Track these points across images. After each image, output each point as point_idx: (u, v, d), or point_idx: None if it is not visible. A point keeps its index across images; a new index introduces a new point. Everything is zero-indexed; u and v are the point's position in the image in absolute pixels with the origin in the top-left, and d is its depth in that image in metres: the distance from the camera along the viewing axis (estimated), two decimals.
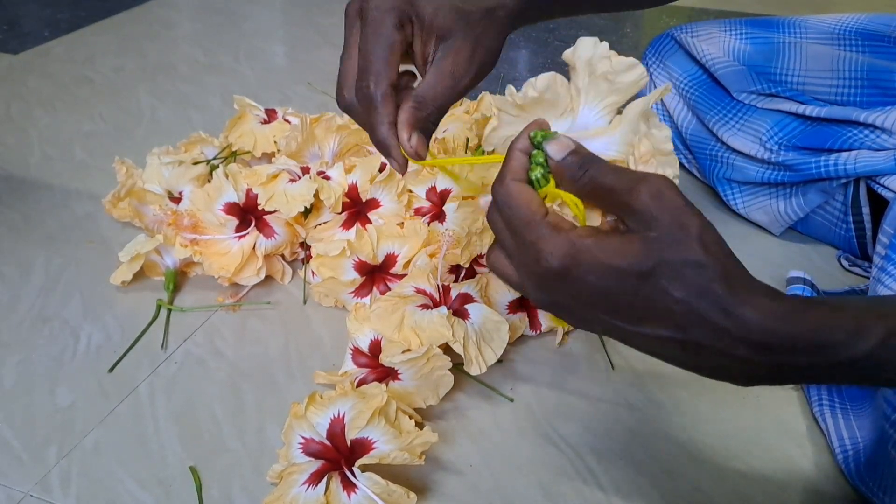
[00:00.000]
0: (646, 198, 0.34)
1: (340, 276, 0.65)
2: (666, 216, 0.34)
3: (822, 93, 0.75)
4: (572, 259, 0.35)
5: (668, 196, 0.34)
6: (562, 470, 0.53)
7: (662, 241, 0.33)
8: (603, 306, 0.35)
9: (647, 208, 0.34)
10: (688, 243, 0.33)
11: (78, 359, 0.63)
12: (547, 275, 0.35)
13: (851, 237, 0.73)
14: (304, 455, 0.51)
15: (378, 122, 0.44)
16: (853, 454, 0.51)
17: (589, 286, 0.35)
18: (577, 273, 0.35)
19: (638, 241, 0.34)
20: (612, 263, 0.34)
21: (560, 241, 0.35)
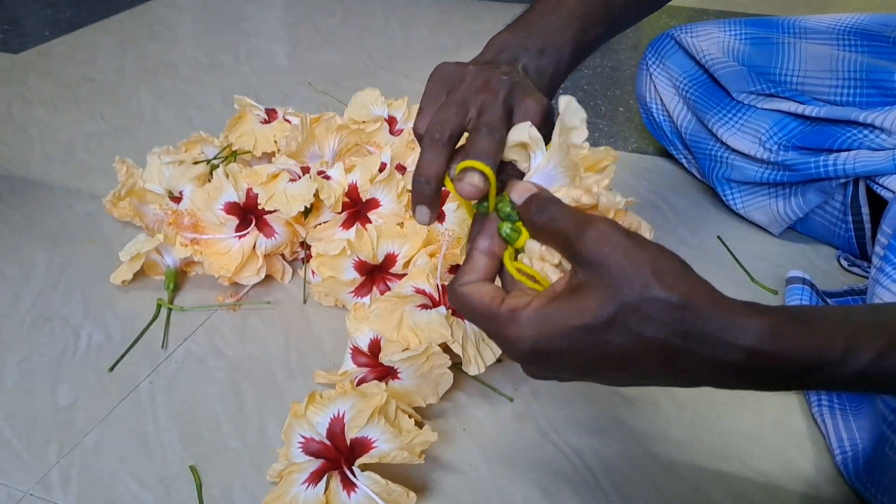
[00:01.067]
0: (591, 245, 0.34)
1: (340, 275, 0.65)
2: (614, 258, 0.33)
3: (821, 93, 0.75)
4: (539, 335, 0.35)
5: (613, 239, 0.34)
6: (562, 470, 0.53)
7: (617, 286, 0.33)
8: (586, 364, 0.35)
9: (595, 256, 0.34)
10: (643, 280, 0.33)
11: (78, 358, 0.63)
12: (524, 357, 0.36)
13: (851, 237, 0.73)
14: (304, 454, 0.51)
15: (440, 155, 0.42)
16: (852, 455, 0.51)
17: (565, 353, 0.35)
18: (548, 346, 0.35)
19: (593, 292, 0.34)
20: (575, 325, 0.34)
21: (521, 325, 0.35)
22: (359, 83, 0.98)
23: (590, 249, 0.34)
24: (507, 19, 0.52)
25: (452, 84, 0.45)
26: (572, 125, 0.38)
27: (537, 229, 0.38)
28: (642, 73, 0.90)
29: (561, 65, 0.50)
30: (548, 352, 0.35)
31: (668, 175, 0.90)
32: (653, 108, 0.89)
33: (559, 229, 0.36)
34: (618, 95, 1.13)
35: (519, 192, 0.39)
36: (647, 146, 0.97)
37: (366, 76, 1.20)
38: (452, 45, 1.33)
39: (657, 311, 0.32)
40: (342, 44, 1.34)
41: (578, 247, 0.35)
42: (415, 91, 1.13)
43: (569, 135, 0.38)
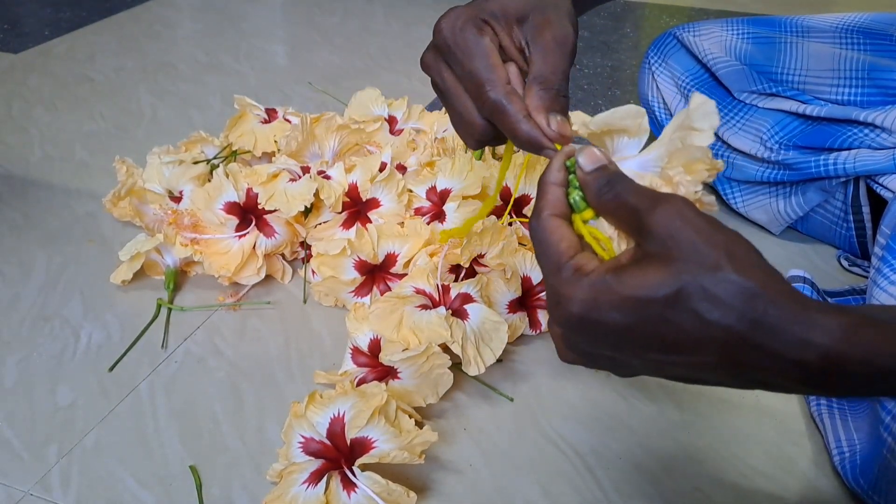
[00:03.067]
0: (664, 219, 0.32)
1: (341, 275, 0.65)
2: (686, 236, 0.31)
3: (822, 92, 0.75)
4: (593, 302, 0.33)
5: (687, 216, 0.32)
6: (562, 470, 0.53)
7: (686, 262, 0.31)
8: (634, 342, 0.33)
9: (666, 229, 0.32)
10: (715, 259, 0.31)
11: (78, 358, 0.63)
12: (570, 321, 0.34)
13: (852, 236, 0.73)
14: (304, 454, 0.51)
15: (514, 122, 0.42)
16: (850, 456, 0.51)
17: (616, 325, 0.32)
18: (598, 316, 0.33)
19: (658, 265, 0.31)
20: (633, 295, 0.32)
21: (581, 286, 0.33)
22: (359, 83, 0.98)
23: (661, 223, 0.32)
24: None
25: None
26: (700, 127, 0.35)
27: (602, 205, 0.35)
28: (645, 72, 0.90)
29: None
30: (597, 321, 0.33)
31: None
32: (655, 108, 0.89)
33: (627, 203, 0.34)
34: (618, 95, 1.12)
35: (588, 157, 0.36)
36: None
37: (366, 76, 1.20)
38: None
39: (727, 293, 0.30)
40: (342, 44, 1.34)
41: (648, 220, 0.32)
42: (415, 91, 1.13)
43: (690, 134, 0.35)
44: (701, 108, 0.35)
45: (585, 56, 1.28)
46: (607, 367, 0.36)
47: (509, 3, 0.44)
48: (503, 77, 0.43)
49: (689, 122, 0.36)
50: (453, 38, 0.44)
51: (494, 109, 0.42)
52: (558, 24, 0.44)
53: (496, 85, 0.42)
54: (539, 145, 0.41)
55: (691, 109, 0.36)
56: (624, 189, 0.35)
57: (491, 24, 0.44)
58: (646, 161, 0.38)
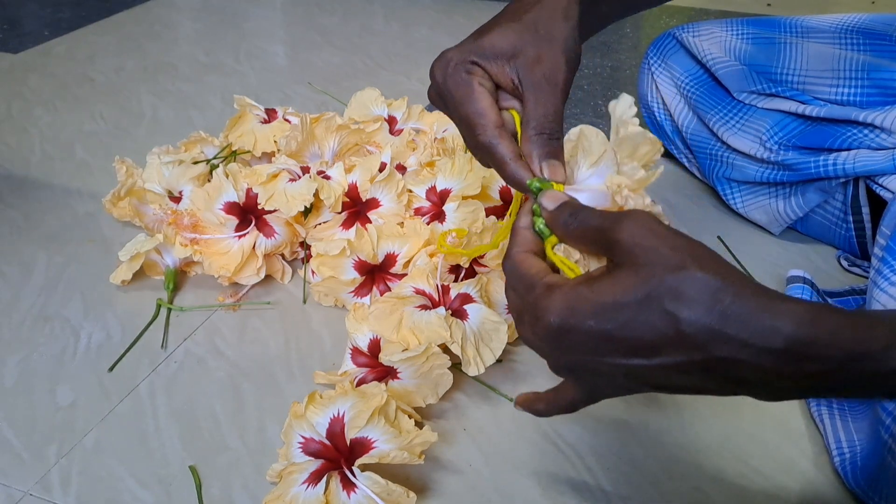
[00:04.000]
0: (627, 232, 0.34)
1: (340, 275, 0.65)
2: (650, 242, 0.33)
3: (822, 92, 0.75)
4: (569, 311, 0.34)
5: (649, 226, 0.34)
6: (562, 470, 0.53)
7: (652, 266, 0.33)
8: (613, 349, 0.34)
9: (630, 240, 0.34)
10: (680, 260, 0.32)
11: (78, 358, 0.63)
12: (551, 334, 0.35)
13: (851, 237, 0.73)
14: (303, 454, 0.51)
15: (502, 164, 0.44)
16: (850, 457, 0.51)
17: (593, 332, 0.34)
18: (576, 322, 0.34)
19: (627, 272, 0.33)
20: (607, 301, 0.33)
21: (555, 298, 0.35)
22: (359, 83, 0.98)
23: (625, 236, 0.34)
24: None
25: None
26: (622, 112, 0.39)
27: (570, 235, 0.38)
28: (644, 72, 0.90)
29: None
30: (575, 330, 0.34)
31: (668, 174, 0.90)
32: (654, 108, 0.89)
33: (592, 227, 0.36)
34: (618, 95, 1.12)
35: (549, 198, 0.40)
36: None
37: (366, 76, 1.20)
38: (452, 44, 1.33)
39: (694, 289, 0.31)
40: (342, 44, 1.34)
41: (614, 236, 0.35)
42: (415, 91, 1.13)
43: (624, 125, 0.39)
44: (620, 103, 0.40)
45: (585, 56, 1.28)
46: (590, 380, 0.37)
47: (499, 40, 0.45)
48: (492, 120, 0.44)
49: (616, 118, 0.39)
50: (444, 84, 0.46)
51: (484, 152, 0.45)
52: (549, 62, 0.45)
53: (485, 129, 0.44)
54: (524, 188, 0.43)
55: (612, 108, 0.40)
56: (587, 216, 0.37)
57: (481, 65, 0.46)
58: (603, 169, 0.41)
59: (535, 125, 0.44)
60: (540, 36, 0.45)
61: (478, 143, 0.45)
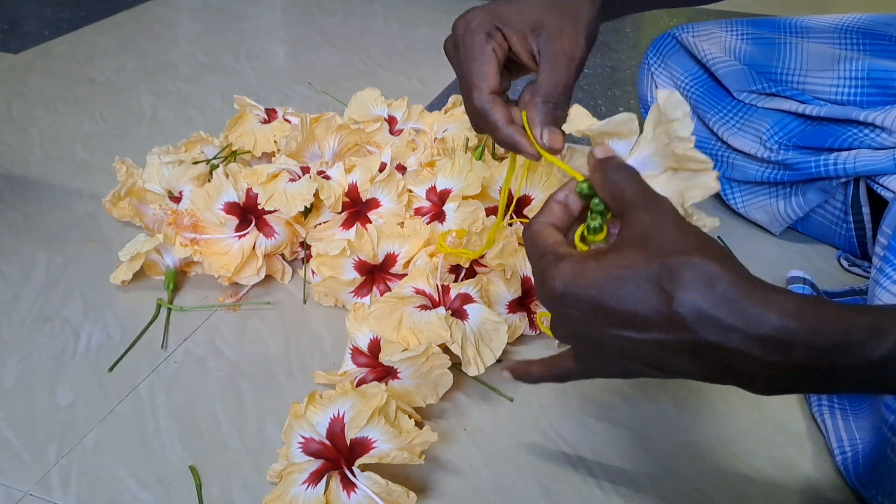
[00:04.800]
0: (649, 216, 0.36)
1: (340, 275, 0.65)
2: (663, 226, 0.35)
3: (822, 92, 0.75)
4: (573, 279, 0.36)
5: (670, 216, 0.36)
6: (562, 470, 0.53)
7: (660, 247, 0.34)
8: (610, 319, 0.35)
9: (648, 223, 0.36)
10: (686, 248, 0.34)
11: (78, 358, 0.63)
12: (555, 300, 0.37)
13: (851, 237, 0.73)
14: (303, 454, 0.51)
15: (495, 127, 0.47)
16: (852, 456, 0.51)
17: (592, 301, 0.35)
18: (577, 291, 0.36)
19: (635, 249, 0.35)
20: (610, 273, 0.35)
21: (562, 266, 0.37)
22: (359, 83, 0.98)
23: (646, 218, 0.36)
24: None
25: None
26: (674, 117, 0.38)
27: (605, 185, 0.39)
28: (644, 72, 0.90)
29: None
30: (576, 297, 0.36)
31: None
32: None
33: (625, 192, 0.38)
34: (618, 95, 1.12)
35: (602, 150, 0.40)
36: None
37: (366, 76, 1.20)
38: None
39: (692, 273, 0.33)
40: (342, 44, 1.34)
41: (636, 214, 0.36)
42: (415, 91, 1.13)
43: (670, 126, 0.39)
44: (670, 100, 0.39)
45: None
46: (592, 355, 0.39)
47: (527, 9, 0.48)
48: (491, 85, 0.47)
49: (665, 117, 0.39)
50: (462, 38, 0.48)
51: (477, 113, 0.47)
52: (570, 38, 0.47)
53: (482, 92, 0.47)
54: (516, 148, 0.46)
55: (662, 105, 0.39)
56: (627, 178, 0.39)
57: (502, 31, 0.48)
58: (641, 159, 0.41)
59: (544, 93, 0.46)
60: (565, 12, 0.47)
61: (473, 105, 0.47)
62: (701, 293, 0.33)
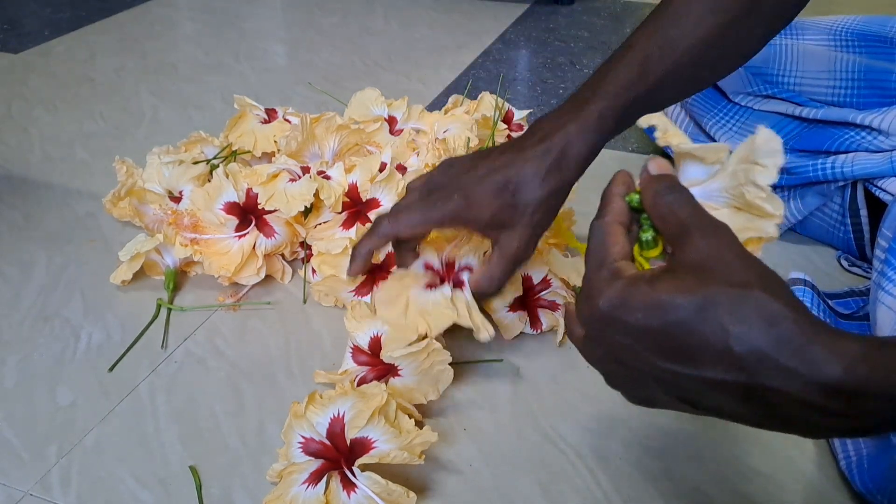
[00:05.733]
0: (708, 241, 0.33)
1: (342, 274, 0.65)
2: (725, 257, 0.32)
3: (819, 94, 0.75)
4: (621, 300, 0.34)
5: (731, 244, 0.33)
6: (562, 470, 0.53)
7: (721, 275, 0.32)
8: (654, 347, 0.33)
9: (707, 248, 0.33)
10: (747, 280, 0.31)
11: (78, 358, 0.63)
12: (595, 317, 0.35)
13: (850, 239, 0.73)
14: (303, 454, 0.51)
15: None
16: (856, 460, 0.51)
17: (638, 325, 0.33)
18: (624, 314, 0.33)
19: (692, 275, 0.32)
20: (663, 298, 0.32)
21: (614, 285, 0.34)
22: (359, 83, 0.98)
23: (705, 243, 0.33)
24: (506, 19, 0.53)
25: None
26: (764, 164, 0.36)
27: (656, 207, 0.37)
28: None
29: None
30: (620, 320, 0.33)
31: None
32: None
33: (679, 215, 0.35)
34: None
35: (656, 164, 0.38)
36: (647, 146, 0.97)
37: (366, 76, 1.20)
38: (452, 44, 1.33)
39: (754, 310, 0.30)
40: (342, 44, 1.34)
41: (694, 238, 0.34)
42: (415, 91, 1.14)
43: (753, 171, 0.36)
44: (767, 145, 0.36)
45: (585, 56, 1.28)
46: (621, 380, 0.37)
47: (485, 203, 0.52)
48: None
49: (753, 156, 0.36)
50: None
51: None
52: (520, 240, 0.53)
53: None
54: None
55: (757, 144, 0.36)
56: (683, 199, 0.36)
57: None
58: (709, 190, 0.39)
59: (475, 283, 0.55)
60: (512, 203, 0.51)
61: None
62: (763, 332, 0.30)
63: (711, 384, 0.31)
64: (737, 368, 0.30)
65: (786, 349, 0.30)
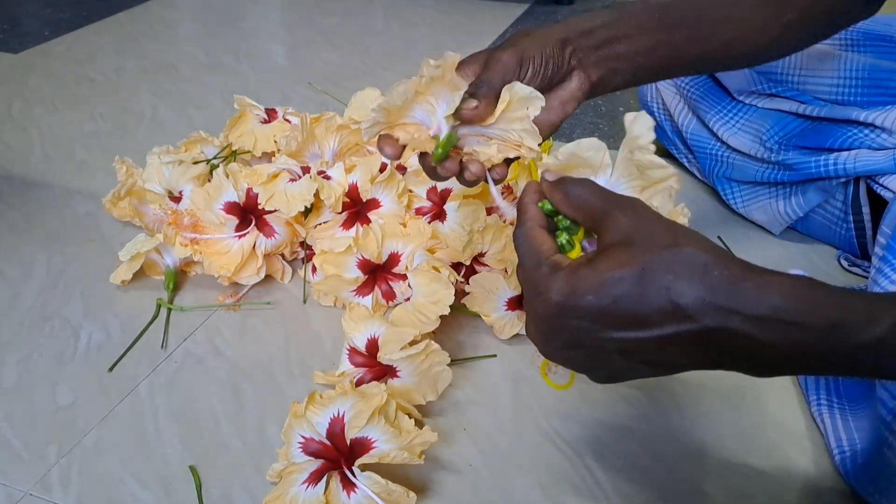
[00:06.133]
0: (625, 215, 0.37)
1: (343, 273, 0.65)
2: (646, 225, 0.36)
3: (822, 92, 0.75)
4: (570, 289, 0.36)
5: (646, 212, 0.37)
6: (562, 470, 0.53)
7: (647, 244, 0.35)
8: (611, 323, 0.35)
9: (628, 222, 0.36)
10: (673, 240, 0.35)
11: (78, 358, 0.63)
12: (551, 310, 0.37)
13: (851, 237, 0.73)
14: (303, 454, 0.51)
15: None
16: (850, 455, 0.51)
17: (592, 307, 0.35)
18: (576, 300, 0.36)
19: (624, 249, 0.35)
20: (605, 277, 0.35)
21: (558, 277, 0.37)
22: (359, 83, 0.98)
23: (623, 218, 0.36)
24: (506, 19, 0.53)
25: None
26: (639, 133, 0.40)
27: (568, 205, 0.39)
28: None
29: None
30: (574, 306, 0.36)
31: None
32: (654, 109, 0.89)
33: (592, 203, 0.38)
34: (618, 95, 1.12)
35: (552, 173, 0.41)
36: None
37: (366, 76, 1.20)
38: (453, 44, 1.33)
39: (686, 264, 0.34)
40: (342, 44, 1.34)
41: (612, 217, 0.37)
42: None
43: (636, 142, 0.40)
44: (637, 119, 0.40)
45: None
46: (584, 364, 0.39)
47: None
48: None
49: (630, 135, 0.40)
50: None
51: None
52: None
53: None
54: None
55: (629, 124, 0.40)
56: (588, 189, 0.39)
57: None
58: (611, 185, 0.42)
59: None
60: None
61: None
62: (698, 281, 0.33)
63: (667, 339, 0.35)
64: (684, 319, 0.34)
65: (721, 291, 0.33)
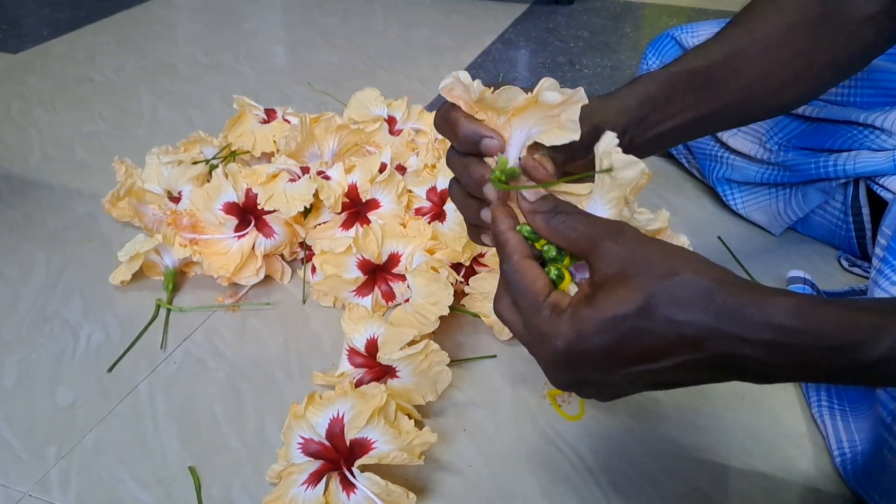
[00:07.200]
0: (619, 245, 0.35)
1: (343, 273, 0.65)
2: (642, 254, 0.35)
3: None
4: (576, 334, 0.35)
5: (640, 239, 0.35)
6: (561, 470, 0.53)
7: (646, 275, 0.34)
8: (619, 361, 0.35)
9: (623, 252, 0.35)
10: (671, 268, 0.34)
11: (78, 358, 0.63)
12: (557, 357, 0.36)
13: (851, 237, 0.73)
14: (303, 455, 0.51)
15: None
16: (851, 457, 0.51)
17: (599, 349, 0.35)
18: (583, 345, 0.35)
19: (623, 284, 0.34)
20: (607, 316, 0.34)
21: (561, 322, 0.35)
22: (359, 83, 0.98)
23: (618, 247, 0.35)
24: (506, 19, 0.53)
25: None
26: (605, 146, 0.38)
27: (553, 234, 0.38)
28: (643, 72, 0.90)
29: None
30: (582, 351, 0.35)
31: (668, 175, 0.90)
32: None
33: (580, 231, 0.37)
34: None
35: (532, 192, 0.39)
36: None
37: (366, 76, 1.20)
38: (452, 44, 1.33)
39: (688, 293, 0.33)
40: (342, 44, 1.34)
41: (605, 247, 0.35)
42: (415, 91, 1.13)
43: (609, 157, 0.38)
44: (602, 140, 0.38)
45: (585, 56, 1.28)
46: (594, 393, 0.39)
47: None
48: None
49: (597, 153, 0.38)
50: None
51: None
52: None
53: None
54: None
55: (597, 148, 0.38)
56: (575, 219, 0.37)
57: None
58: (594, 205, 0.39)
59: None
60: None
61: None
62: (703, 310, 0.33)
63: (679, 367, 0.34)
64: (692, 349, 0.34)
65: (726, 318, 0.33)
